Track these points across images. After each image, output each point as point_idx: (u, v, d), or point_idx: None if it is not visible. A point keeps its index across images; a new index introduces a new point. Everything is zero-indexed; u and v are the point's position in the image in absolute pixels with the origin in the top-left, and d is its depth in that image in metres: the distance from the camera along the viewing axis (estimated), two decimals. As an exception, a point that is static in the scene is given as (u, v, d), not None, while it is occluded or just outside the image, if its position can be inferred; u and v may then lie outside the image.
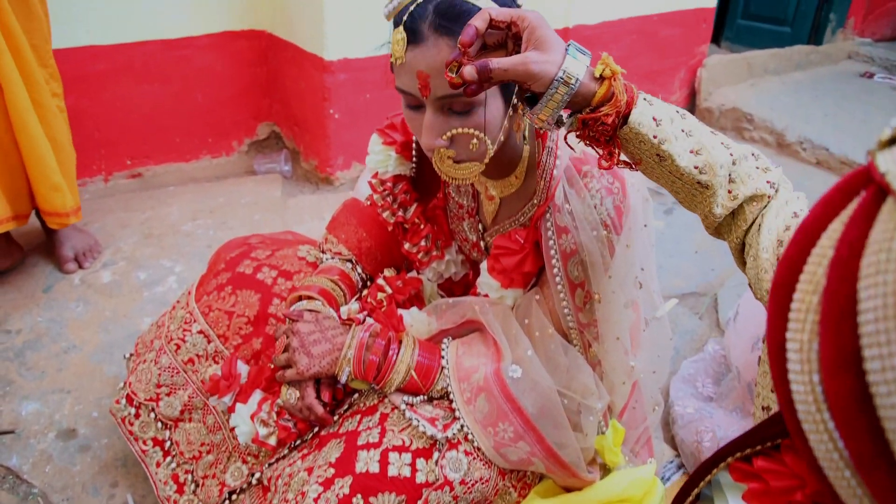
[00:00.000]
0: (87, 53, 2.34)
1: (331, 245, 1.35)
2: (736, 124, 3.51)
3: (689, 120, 0.86)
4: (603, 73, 0.81)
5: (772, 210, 0.85)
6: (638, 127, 0.82)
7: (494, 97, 0.94)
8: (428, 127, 0.95)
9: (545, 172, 1.04)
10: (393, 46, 0.94)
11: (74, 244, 2.09)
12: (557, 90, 0.80)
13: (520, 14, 0.82)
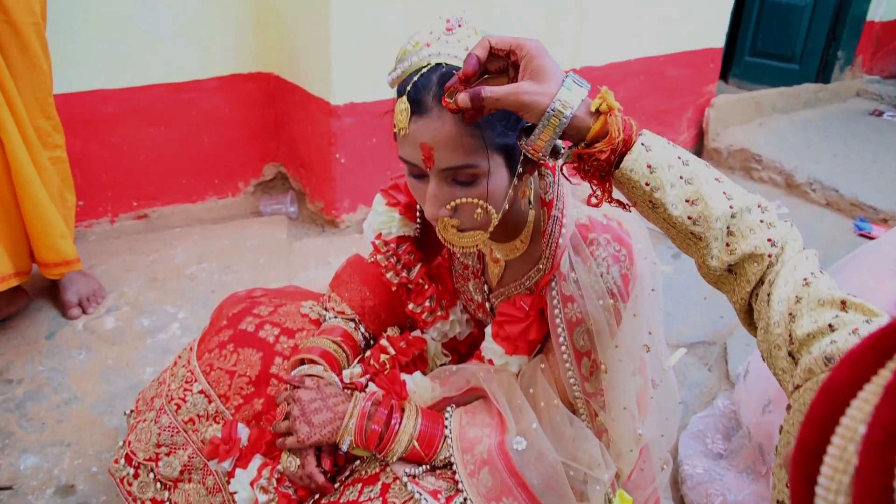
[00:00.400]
0: (95, 97, 2.37)
1: (334, 303, 1.35)
2: (744, 164, 3.50)
3: (692, 166, 0.83)
4: (599, 108, 0.81)
5: (780, 278, 0.81)
6: (629, 173, 0.82)
7: (499, 168, 0.94)
8: (432, 197, 0.95)
9: (550, 240, 1.03)
10: (396, 116, 0.94)
11: (79, 289, 2.09)
12: (549, 122, 0.81)
13: (519, 43, 0.82)
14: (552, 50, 0.89)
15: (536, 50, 0.81)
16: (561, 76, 0.81)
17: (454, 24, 0.96)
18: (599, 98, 0.81)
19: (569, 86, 0.80)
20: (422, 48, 0.93)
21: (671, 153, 0.83)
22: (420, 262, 1.29)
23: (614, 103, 0.80)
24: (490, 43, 0.83)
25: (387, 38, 2.38)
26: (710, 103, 3.66)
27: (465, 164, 0.91)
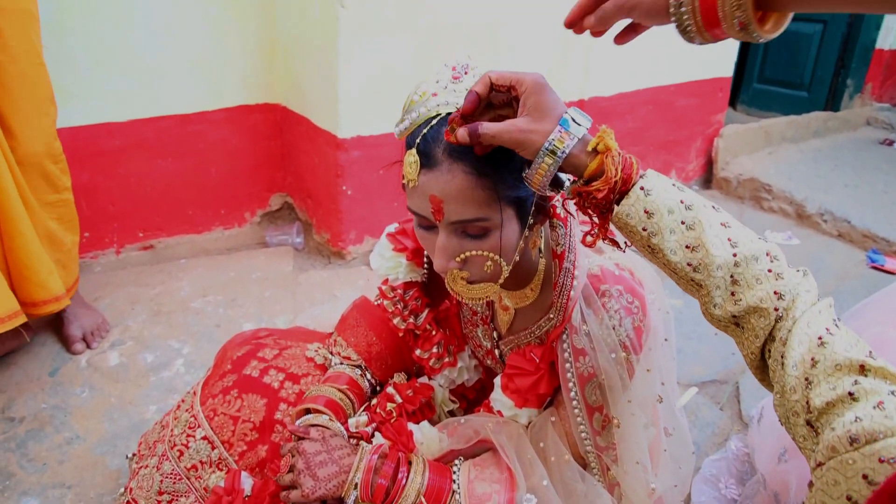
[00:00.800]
0: (102, 130, 2.38)
1: (339, 348, 1.33)
2: (754, 194, 3.49)
3: (696, 211, 0.80)
4: (597, 147, 0.80)
5: (794, 337, 0.76)
6: (626, 218, 0.81)
7: (510, 220, 0.93)
8: (441, 249, 0.94)
9: (562, 292, 1.02)
10: (405, 168, 0.94)
11: (83, 323, 2.07)
12: (543, 160, 0.81)
13: (519, 78, 0.82)
14: (560, 81, 0.89)
15: (535, 86, 0.81)
16: (560, 113, 0.81)
17: (460, 71, 0.95)
18: (597, 137, 0.80)
19: (566, 124, 0.80)
20: (429, 98, 0.93)
21: (672, 197, 0.80)
22: (427, 307, 1.28)
23: (612, 143, 0.79)
24: (490, 79, 0.84)
25: (395, 71, 2.39)
26: (719, 133, 3.65)
27: (476, 218, 0.90)
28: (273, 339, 1.47)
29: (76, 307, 2.07)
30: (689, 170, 3.68)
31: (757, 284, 0.79)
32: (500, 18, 2.56)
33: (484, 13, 2.50)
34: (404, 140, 0.98)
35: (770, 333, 0.80)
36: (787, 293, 0.79)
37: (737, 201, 3.54)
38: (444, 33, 2.43)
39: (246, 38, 2.55)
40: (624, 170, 0.80)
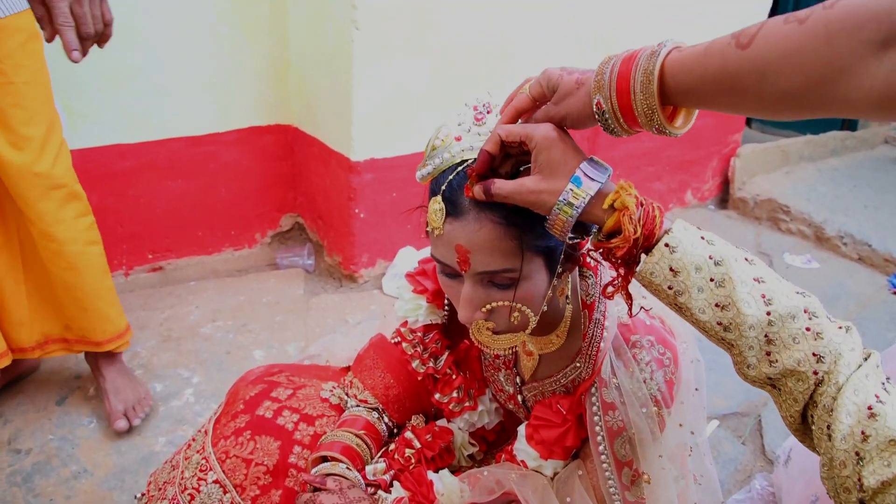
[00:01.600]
0: (113, 152, 2.36)
1: (356, 390, 1.29)
2: (772, 215, 3.45)
3: (726, 266, 0.75)
4: (614, 205, 0.77)
5: (841, 407, 0.71)
6: (650, 276, 0.77)
7: (538, 270, 0.90)
8: (466, 300, 0.91)
9: (591, 344, 0.98)
10: (430, 216, 0.91)
11: (126, 397, 1.89)
12: (557, 218, 0.78)
13: (528, 133, 0.80)
14: None
15: (545, 141, 0.79)
16: (572, 168, 0.78)
17: (483, 111, 0.92)
18: (613, 194, 0.77)
19: (577, 181, 0.77)
20: (452, 143, 0.90)
21: (700, 252, 0.75)
22: (448, 349, 1.24)
23: (629, 201, 0.75)
24: (500, 137, 0.82)
25: (409, 93, 2.36)
26: (736, 152, 3.61)
27: (504, 269, 0.87)
28: (286, 376, 1.44)
29: (117, 377, 1.92)
30: (704, 190, 3.65)
31: (794, 345, 0.74)
32: (514, 37, 2.54)
33: (497, 33, 2.48)
34: (427, 184, 0.95)
35: (811, 398, 0.76)
36: (828, 354, 0.74)
37: (754, 222, 3.50)
38: (459, 54, 2.41)
39: (258, 58, 2.54)
40: (645, 226, 0.76)
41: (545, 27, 2.60)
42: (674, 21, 3.03)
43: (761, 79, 0.66)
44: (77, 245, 1.72)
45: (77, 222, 1.72)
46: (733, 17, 3.24)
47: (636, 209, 0.75)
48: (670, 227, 0.77)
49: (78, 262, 1.72)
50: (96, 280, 1.77)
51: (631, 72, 0.74)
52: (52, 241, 1.67)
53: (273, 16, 2.52)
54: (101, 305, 1.81)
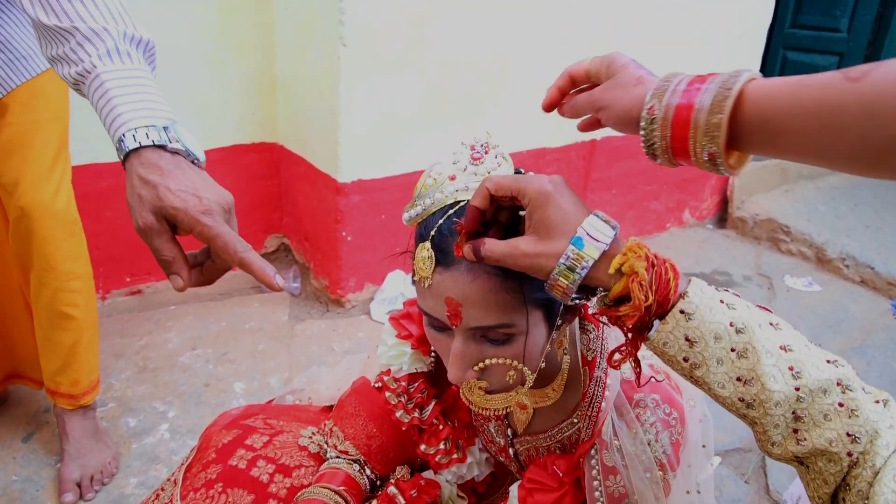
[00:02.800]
0: (88, 171, 2.28)
1: (336, 440, 1.21)
2: (772, 235, 3.38)
3: (749, 334, 0.66)
4: (621, 269, 0.67)
5: (879, 496, 0.62)
6: (662, 346, 0.68)
7: (538, 324, 0.82)
8: (457, 357, 0.82)
9: (592, 404, 0.90)
10: (417, 263, 0.82)
11: (85, 462, 1.72)
12: (557, 283, 0.69)
13: (520, 188, 0.70)
14: (572, 120, 0.80)
15: (540, 197, 0.69)
16: (573, 227, 0.68)
17: (480, 151, 0.85)
18: (621, 257, 0.67)
19: (579, 243, 0.67)
20: (445, 182, 0.82)
21: (719, 319, 0.67)
22: (434, 398, 1.16)
23: (639, 265, 0.66)
24: (489, 191, 0.72)
25: (399, 112, 2.29)
26: (735, 171, 3.55)
27: (500, 324, 0.79)
28: (263, 419, 1.35)
29: (82, 438, 1.75)
30: (702, 209, 3.58)
31: (825, 423, 0.66)
32: (510, 56, 2.47)
33: (492, 51, 2.41)
34: (415, 228, 0.87)
35: (843, 479, 0.68)
36: (863, 434, 0.66)
37: (753, 242, 3.43)
38: (452, 72, 2.34)
39: (243, 75, 2.46)
40: (658, 292, 0.67)
41: (542, 45, 2.54)
42: (677, 43, 2.97)
43: (869, 118, 0.56)
44: (81, 281, 1.66)
45: (83, 254, 1.68)
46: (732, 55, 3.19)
47: (647, 273, 0.66)
48: (686, 289, 0.67)
49: (79, 300, 1.66)
50: (91, 320, 1.71)
51: (705, 83, 0.66)
52: (58, 278, 1.61)
53: (260, 31, 2.44)
54: (89, 352, 1.72)
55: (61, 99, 1.57)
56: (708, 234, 3.55)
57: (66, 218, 1.61)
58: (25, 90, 1.47)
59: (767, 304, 2.80)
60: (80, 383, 1.71)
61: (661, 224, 3.44)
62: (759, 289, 2.97)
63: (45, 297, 1.61)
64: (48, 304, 1.62)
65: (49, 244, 1.57)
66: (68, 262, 1.61)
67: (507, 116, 2.58)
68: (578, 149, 2.89)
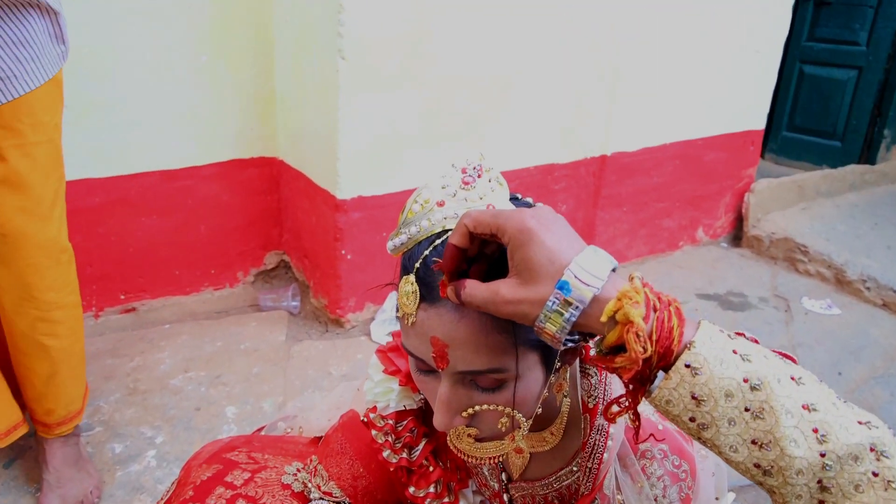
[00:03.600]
0: (80, 187, 2.22)
1: (320, 480, 1.13)
2: (788, 255, 3.28)
3: (766, 391, 0.57)
4: (616, 317, 0.58)
5: None
6: (665, 405, 0.60)
7: (532, 368, 0.74)
8: (443, 403, 0.75)
9: (593, 454, 0.82)
10: (400, 298, 0.75)
11: (66, 492, 1.65)
12: (544, 330, 0.61)
13: (500, 225, 0.62)
14: (580, 136, 0.71)
15: (521, 235, 0.60)
16: (559, 268, 0.59)
17: (472, 175, 0.77)
18: (615, 302, 0.58)
19: (566, 287, 0.59)
20: (433, 209, 0.75)
21: (731, 374, 0.58)
22: (425, 437, 1.08)
23: (635, 313, 0.57)
24: (468, 228, 0.64)
25: (400, 129, 2.23)
26: (750, 188, 3.46)
27: (490, 369, 0.71)
28: (246, 453, 1.27)
29: (63, 467, 1.68)
30: (717, 226, 3.49)
31: (857, 494, 0.57)
32: (514, 71, 2.40)
33: (496, 66, 2.35)
34: (399, 258, 0.79)
35: None
36: None
37: (769, 262, 3.34)
38: (453, 88, 2.28)
39: (240, 88, 2.41)
40: (660, 342, 0.58)
41: (546, 61, 2.47)
42: (688, 61, 2.90)
43: None
44: (64, 311, 1.59)
45: (69, 283, 1.61)
46: (747, 69, 3.11)
47: (645, 322, 0.58)
48: (693, 338, 0.59)
49: (60, 330, 1.58)
50: (74, 350, 1.64)
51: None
52: (39, 308, 1.53)
53: (258, 43, 2.39)
54: (69, 383, 1.65)
55: (51, 118, 1.49)
56: (722, 252, 3.46)
57: (54, 247, 1.53)
58: (8, 111, 1.40)
59: (784, 327, 2.71)
60: (55, 413, 1.63)
61: (674, 242, 3.35)
62: (775, 311, 2.87)
63: (22, 325, 1.53)
64: (25, 332, 1.54)
65: (32, 273, 1.50)
66: (51, 293, 1.54)
67: (512, 131, 2.51)
68: (588, 164, 2.82)
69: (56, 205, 1.53)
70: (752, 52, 3.14)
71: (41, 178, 1.47)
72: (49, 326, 1.55)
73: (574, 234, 0.64)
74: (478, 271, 0.69)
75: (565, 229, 0.63)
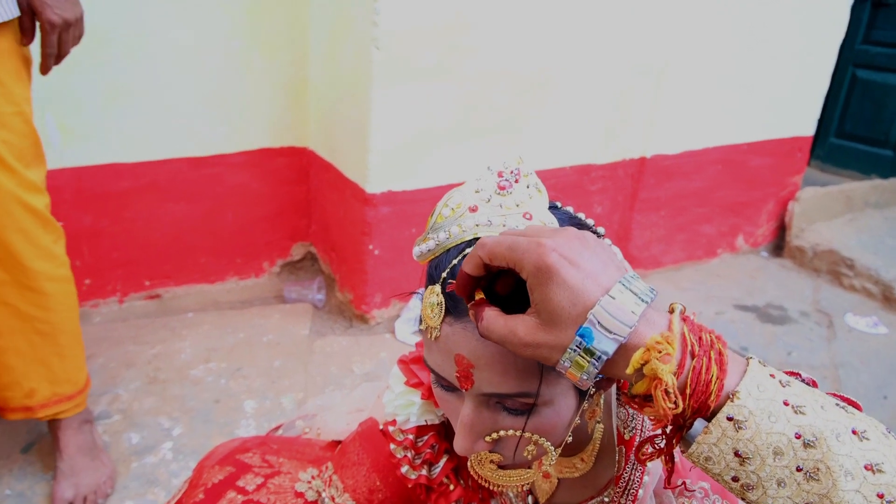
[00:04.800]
0: (108, 171, 2.22)
1: (334, 491, 1.09)
2: (832, 268, 3.17)
3: (822, 448, 0.50)
4: (644, 370, 0.52)
5: None
6: (704, 462, 0.53)
7: (565, 394, 0.69)
8: (466, 426, 0.70)
9: (627, 491, 0.77)
10: (424, 310, 0.70)
11: (79, 481, 1.64)
12: (568, 373, 0.54)
13: (517, 259, 0.55)
14: (620, 136, 0.64)
15: (538, 274, 0.54)
16: (582, 310, 0.52)
17: (509, 179, 0.71)
18: (643, 353, 0.52)
19: (589, 334, 0.52)
20: (464, 214, 0.69)
21: (783, 428, 0.51)
22: (446, 453, 1.03)
23: (663, 370, 0.50)
24: (482, 259, 0.58)
25: (434, 123, 2.17)
26: (795, 196, 3.35)
27: (518, 393, 0.66)
28: (260, 455, 1.24)
29: (77, 455, 1.67)
30: (758, 235, 3.39)
31: None
32: (554, 66, 2.33)
33: (536, 61, 2.28)
34: (425, 266, 0.74)
35: None
36: None
37: (812, 274, 3.23)
38: (491, 82, 2.22)
39: (273, 75, 2.37)
40: (694, 396, 0.52)
41: (589, 56, 2.39)
42: (734, 57, 2.80)
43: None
44: (57, 283, 1.55)
45: (60, 255, 1.57)
46: (798, 73, 3.00)
47: (679, 370, 0.51)
48: (737, 387, 0.52)
49: (50, 304, 1.54)
50: (67, 325, 1.60)
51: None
52: (27, 276, 1.49)
53: (292, 30, 2.36)
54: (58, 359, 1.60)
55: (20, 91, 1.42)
56: (762, 262, 3.35)
57: (40, 217, 1.48)
58: None
59: (825, 344, 2.61)
60: (38, 394, 1.58)
61: (712, 249, 3.25)
62: (816, 326, 2.77)
63: (4, 294, 1.48)
64: (8, 302, 1.49)
65: (20, 240, 1.45)
66: (39, 261, 1.49)
67: (550, 129, 2.44)
68: (626, 166, 2.74)
69: (36, 174, 1.48)
70: (806, 54, 3.02)
71: (18, 141, 1.42)
72: (37, 297, 1.52)
73: (605, 259, 0.56)
74: (500, 291, 0.63)
75: (593, 260, 0.55)
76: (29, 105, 1.45)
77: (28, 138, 1.45)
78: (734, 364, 0.54)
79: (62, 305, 1.57)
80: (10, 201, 1.41)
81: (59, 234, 1.56)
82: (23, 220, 1.44)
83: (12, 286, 1.49)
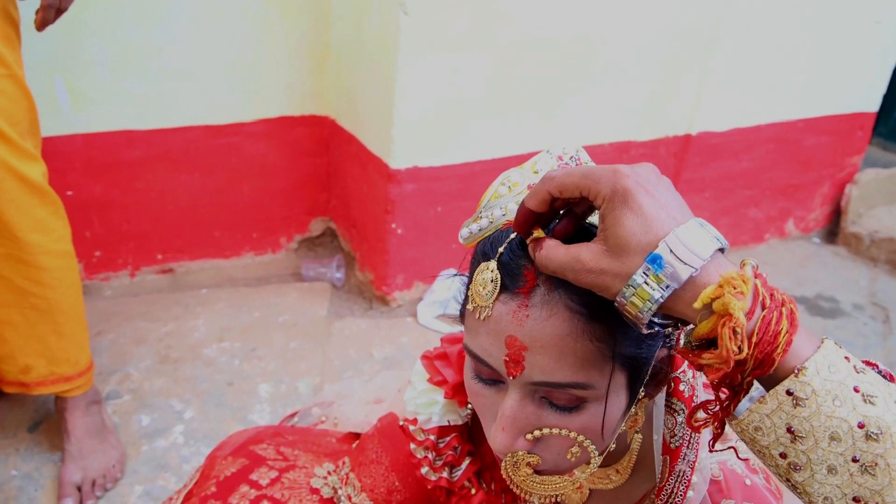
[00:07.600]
0: (120, 139, 2.23)
1: (351, 490, 1.10)
2: (892, 258, 3.11)
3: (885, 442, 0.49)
4: (713, 305, 0.51)
5: None
6: (754, 432, 0.53)
7: (618, 391, 0.68)
8: (508, 419, 0.69)
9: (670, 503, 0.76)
10: (475, 287, 0.68)
11: (88, 464, 1.67)
12: (625, 308, 0.55)
13: (590, 186, 0.56)
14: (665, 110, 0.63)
15: (615, 197, 0.54)
16: (654, 238, 0.53)
17: (569, 163, 0.71)
18: (715, 289, 0.51)
19: (659, 261, 0.52)
20: (523, 192, 0.69)
21: (847, 414, 0.50)
22: (469, 455, 1.03)
23: (735, 306, 0.49)
24: (549, 192, 0.59)
25: (464, 95, 2.15)
26: (854, 178, 3.27)
27: (573, 383, 0.65)
28: (274, 447, 1.26)
29: (85, 437, 1.70)
30: (810, 220, 3.32)
31: None
32: (597, 34, 2.29)
33: (577, 27, 2.24)
34: (473, 247, 0.73)
35: None
36: None
37: (868, 264, 3.16)
38: (527, 51, 2.18)
39: (293, 40, 2.36)
40: (760, 346, 0.51)
41: (634, 25, 2.34)
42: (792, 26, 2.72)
43: None
44: (54, 258, 1.56)
45: (60, 229, 1.57)
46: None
47: (748, 318, 0.50)
48: (806, 363, 0.51)
49: (47, 278, 1.55)
50: (67, 302, 1.61)
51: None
52: (22, 249, 1.50)
53: (313, -8, 2.33)
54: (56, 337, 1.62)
55: (9, 53, 1.42)
56: (814, 249, 3.29)
57: (35, 186, 1.48)
58: None
59: (881, 341, 2.57)
60: (35, 371, 1.61)
61: (759, 234, 3.20)
62: (871, 321, 2.72)
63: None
64: (2, 274, 1.51)
65: (11, 208, 1.45)
66: (34, 234, 1.50)
67: (589, 103, 2.41)
68: (669, 144, 2.69)
69: (30, 141, 1.49)
70: (871, 22, 2.92)
71: (10, 106, 1.42)
72: (32, 272, 1.53)
73: (680, 201, 0.57)
74: (562, 231, 0.62)
75: (669, 194, 0.56)
76: (21, 68, 1.46)
77: (21, 103, 1.45)
78: (807, 336, 0.53)
79: (59, 282, 1.58)
80: (1, 169, 1.41)
81: (56, 205, 1.56)
82: (14, 190, 1.45)
83: (5, 259, 1.50)
